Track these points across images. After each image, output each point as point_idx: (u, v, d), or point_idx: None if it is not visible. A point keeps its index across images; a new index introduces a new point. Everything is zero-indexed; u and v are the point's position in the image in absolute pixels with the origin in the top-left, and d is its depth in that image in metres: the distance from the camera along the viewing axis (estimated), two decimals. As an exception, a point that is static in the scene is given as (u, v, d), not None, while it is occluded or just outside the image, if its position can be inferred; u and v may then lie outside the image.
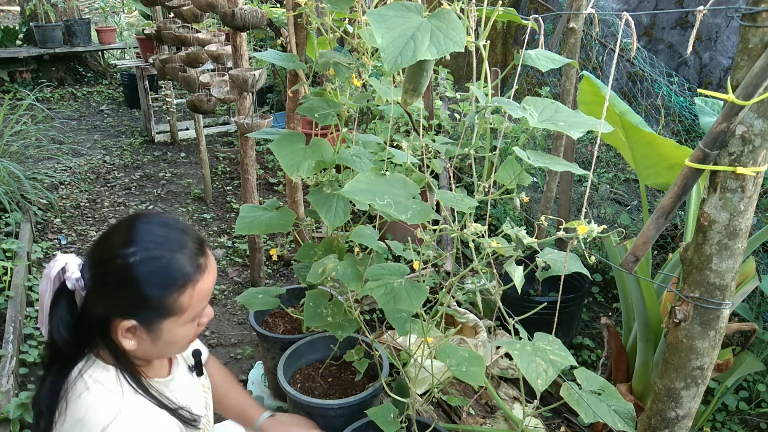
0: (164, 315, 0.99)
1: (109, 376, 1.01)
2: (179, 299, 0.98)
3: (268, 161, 4.66)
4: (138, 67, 5.02)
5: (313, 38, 1.84)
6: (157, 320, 0.99)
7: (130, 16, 8.58)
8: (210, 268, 1.03)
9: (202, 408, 1.20)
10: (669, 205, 1.03)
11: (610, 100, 1.81)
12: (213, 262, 1.06)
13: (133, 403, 1.00)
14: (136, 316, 0.98)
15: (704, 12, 0.93)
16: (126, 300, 0.97)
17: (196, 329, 1.07)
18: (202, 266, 1.01)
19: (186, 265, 0.98)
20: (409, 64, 0.88)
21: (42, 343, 2.49)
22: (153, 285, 0.96)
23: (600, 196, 3.46)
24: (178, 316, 1.00)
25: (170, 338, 1.02)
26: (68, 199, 3.96)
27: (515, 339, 1.14)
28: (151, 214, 1.03)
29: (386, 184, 1.13)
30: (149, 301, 0.97)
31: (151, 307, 0.97)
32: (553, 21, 3.88)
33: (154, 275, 0.96)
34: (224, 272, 3.18)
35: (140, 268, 0.95)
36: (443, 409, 2.10)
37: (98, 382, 0.99)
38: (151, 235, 0.98)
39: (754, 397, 2.23)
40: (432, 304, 1.48)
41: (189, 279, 0.99)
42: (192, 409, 1.13)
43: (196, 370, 1.25)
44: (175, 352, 1.11)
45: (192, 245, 1.01)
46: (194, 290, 1.00)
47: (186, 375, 1.21)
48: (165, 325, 1.00)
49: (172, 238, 0.99)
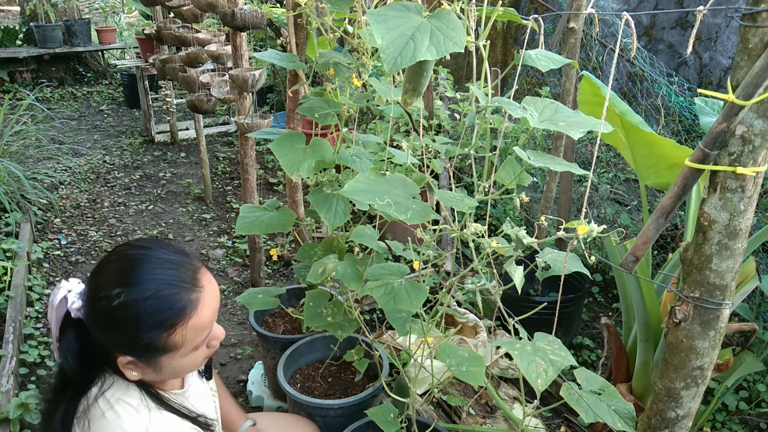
0: (159, 353, 0.96)
1: (133, 393, 1.00)
2: (170, 338, 0.95)
3: (268, 161, 4.66)
4: (138, 67, 5.02)
5: (313, 38, 1.84)
6: (153, 357, 0.97)
7: (130, 16, 8.58)
8: (206, 300, 0.98)
9: (213, 413, 1.22)
10: (669, 205, 1.03)
11: (610, 100, 1.81)
12: (210, 290, 1.00)
13: (158, 420, 1.00)
14: (130, 354, 0.96)
15: (704, 12, 0.93)
16: (117, 339, 0.95)
17: (206, 352, 1.05)
18: (195, 301, 0.96)
19: (176, 305, 0.94)
20: (409, 64, 0.88)
21: (42, 343, 2.49)
22: (140, 328, 0.93)
23: (600, 196, 3.46)
24: (174, 352, 0.97)
25: (174, 369, 1.01)
26: (68, 199, 3.96)
27: (515, 339, 1.14)
28: (141, 246, 0.99)
29: (386, 184, 1.13)
30: (139, 342, 0.94)
31: (141, 347, 0.95)
32: (553, 21, 3.88)
33: (141, 318, 0.92)
34: (224, 272, 3.18)
35: (125, 311, 0.92)
36: (443, 409, 2.10)
37: (122, 401, 0.98)
38: (136, 274, 0.94)
39: (754, 397, 2.23)
40: (432, 304, 1.48)
41: (178, 318, 0.94)
42: (207, 415, 1.14)
43: (206, 374, 1.25)
44: (188, 373, 1.09)
45: (183, 279, 0.96)
46: (186, 327, 0.95)
47: (197, 381, 1.21)
48: (163, 360, 0.98)
49: (158, 276, 0.95)
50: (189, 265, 0.99)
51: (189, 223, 3.72)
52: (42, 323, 2.66)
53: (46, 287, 2.92)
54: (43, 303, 2.80)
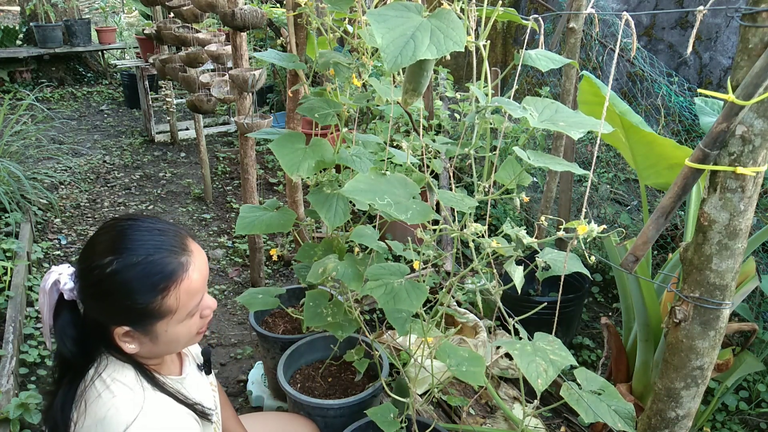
0: (154, 319, 0.98)
1: (128, 373, 1.01)
2: (165, 301, 0.97)
3: (268, 161, 4.66)
4: (138, 67, 5.02)
5: (313, 38, 1.84)
6: (149, 324, 0.98)
7: (130, 16, 8.58)
8: (196, 264, 1.01)
9: (212, 404, 1.22)
10: (669, 205, 1.03)
11: (610, 100, 1.81)
12: (199, 256, 1.03)
13: (154, 400, 1.00)
14: (127, 322, 0.97)
15: (704, 12, 0.93)
16: (113, 309, 0.97)
17: (200, 322, 1.06)
18: (185, 264, 0.99)
19: (166, 267, 0.96)
20: (409, 64, 0.88)
21: (42, 343, 2.49)
22: (134, 293, 0.94)
23: (600, 196, 3.46)
24: (169, 317, 0.99)
25: (170, 337, 1.02)
26: (68, 199, 3.96)
27: (515, 339, 1.14)
28: (128, 219, 1.01)
29: (386, 184, 1.13)
30: (134, 309, 0.95)
31: (137, 313, 0.96)
32: (553, 21, 3.88)
33: (134, 282, 0.94)
34: (224, 272, 3.18)
35: (118, 277, 0.94)
36: (443, 409, 2.10)
37: (117, 381, 0.99)
38: (126, 242, 0.96)
39: (754, 397, 2.23)
40: (432, 304, 1.48)
41: (170, 280, 0.97)
42: (204, 404, 1.14)
43: (205, 368, 1.26)
44: (183, 346, 1.09)
45: (172, 244, 0.99)
46: (179, 290, 0.98)
47: (196, 373, 1.22)
48: (159, 327, 0.99)
49: (147, 241, 0.97)
50: (176, 232, 1.02)
51: (189, 223, 3.72)
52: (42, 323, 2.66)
53: (46, 287, 2.92)
54: (43, 303, 2.80)
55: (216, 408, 1.24)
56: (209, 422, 1.14)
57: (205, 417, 1.11)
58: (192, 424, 1.05)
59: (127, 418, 0.94)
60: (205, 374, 1.26)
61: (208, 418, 1.12)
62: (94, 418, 0.95)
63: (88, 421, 0.95)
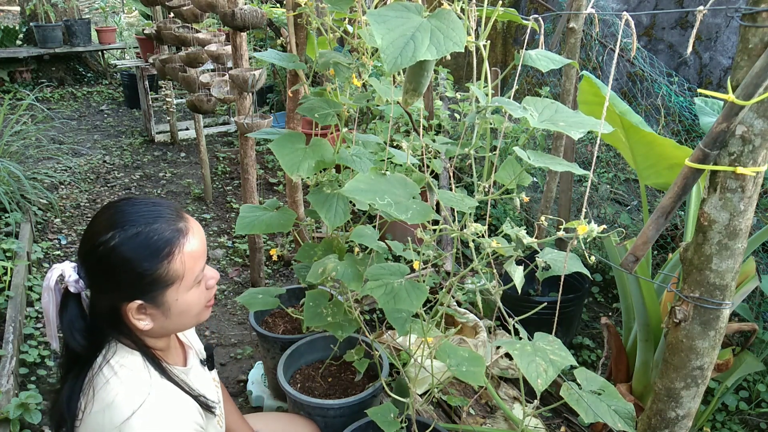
0: (164, 286, 1.00)
1: (136, 360, 1.03)
2: (171, 266, 0.99)
3: (268, 161, 4.66)
4: (138, 67, 5.02)
5: (313, 38, 1.84)
6: (160, 293, 1.00)
7: (130, 16, 8.58)
8: (194, 230, 1.04)
9: (215, 398, 1.23)
10: (669, 205, 1.03)
11: (610, 100, 1.81)
12: (195, 224, 1.06)
13: (160, 386, 1.02)
14: (138, 295, 0.99)
15: (704, 12, 0.93)
16: (123, 283, 0.99)
17: (206, 293, 1.09)
18: (184, 230, 1.02)
19: (166, 232, 1.00)
20: (409, 64, 0.88)
21: (42, 343, 2.49)
22: (140, 260, 0.97)
23: (600, 196, 3.46)
24: (178, 283, 1.01)
25: (181, 307, 1.04)
26: (68, 199, 3.96)
27: (515, 339, 1.14)
28: (121, 199, 1.05)
29: (386, 183, 1.13)
30: (144, 277, 0.98)
31: (147, 283, 0.99)
32: (553, 21, 3.88)
33: (139, 251, 0.97)
34: (224, 272, 3.18)
35: (123, 248, 0.97)
36: (443, 409, 2.10)
37: (125, 367, 1.01)
38: (124, 216, 1.00)
39: (754, 397, 2.23)
40: (432, 304, 1.48)
41: (173, 244, 1.00)
42: (208, 396, 1.16)
43: (208, 363, 1.27)
44: (194, 321, 1.10)
45: (167, 213, 1.03)
46: (183, 253, 1.01)
47: (199, 367, 1.24)
48: (169, 295, 1.01)
49: (145, 213, 1.01)
50: (170, 204, 1.06)
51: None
52: (42, 323, 2.66)
53: (46, 287, 2.92)
54: (43, 303, 2.80)
55: (219, 402, 1.26)
56: (212, 414, 1.15)
57: (208, 409, 1.12)
58: (195, 414, 1.07)
59: (134, 402, 0.96)
60: (208, 369, 1.28)
61: (211, 410, 1.13)
62: (101, 404, 0.96)
63: (96, 407, 0.97)
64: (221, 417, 1.24)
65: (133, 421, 0.95)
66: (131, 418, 0.95)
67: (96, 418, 0.96)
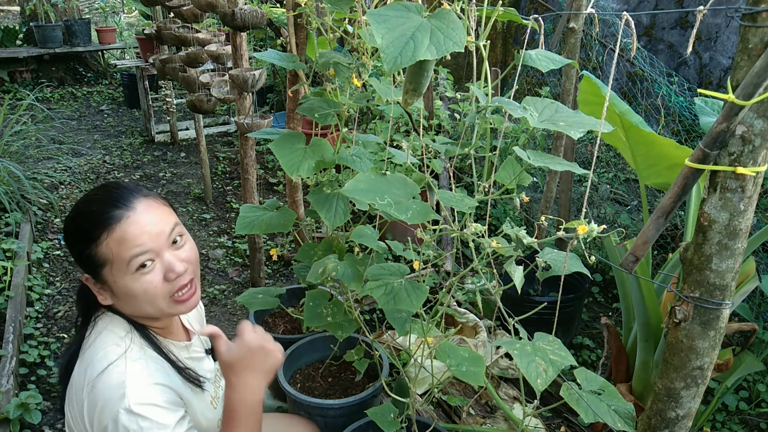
0: (97, 266, 1.05)
1: (119, 324, 1.10)
2: (98, 249, 1.04)
3: (268, 161, 4.66)
4: (138, 67, 5.02)
5: (313, 38, 1.84)
6: (97, 272, 1.06)
7: (130, 16, 8.58)
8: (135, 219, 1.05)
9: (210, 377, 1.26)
10: (669, 205, 1.03)
11: (610, 100, 1.81)
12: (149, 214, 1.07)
13: (139, 348, 1.08)
14: (85, 270, 1.08)
15: (704, 12, 0.93)
16: (75, 258, 1.09)
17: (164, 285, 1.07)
18: (118, 216, 1.04)
19: (94, 217, 1.04)
20: (409, 64, 0.88)
21: (42, 343, 2.49)
22: (73, 241, 1.07)
23: (600, 196, 3.46)
24: (109, 266, 1.04)
25: (123, 290, 1.06)
26: (68, 199, 3.96)
27: (515, 339, 1.14)
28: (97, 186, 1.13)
29: (386, 183, 1.13)
30: (79, 254, 1.06)
31: (84, 260, 1.06)
32: (553, 21, 3.88)
33: (72, 233, 1.07)
34: (224, 272, 3.18)
35: (66, 227, 1.09)
36: (443, 409, 2.09)
37: (107, 329, 1.09)
38: (81, 198, 1.10)
39: (754, 397, 2.23)
40: (432, 304, 1.48)
41: (99, 229, 1.03)
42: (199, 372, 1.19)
43: (212, 354, 1.28)
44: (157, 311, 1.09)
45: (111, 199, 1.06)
46: (110, 239, 1.03)
47: (202, 353, 1.28)
48: (106, 276, 1.06)
49: (89, 198, 1.08)
50: (126, 191, 1.09)
51: (189, 223, 3.72)
52: (42, 323, 2.66)
53: (46, 287, 2.92)
54: (43, 303, 2.80)
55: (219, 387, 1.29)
56: (201, 390, 1.18)
57: (195, 382, 1.16)
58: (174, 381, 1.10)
59: (109, 359, 1.03)
60: (213, 360, 1.30)
61: (199, 384, 1.17)
62: (83, 365, 1.04)
63: (78, 369, 1.05)
64: (216, 399, 1.27)
65: (105, 375, 1.00)
66: (103, 372, 1.00)
67: (78, 377, 1.03)
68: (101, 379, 1.00)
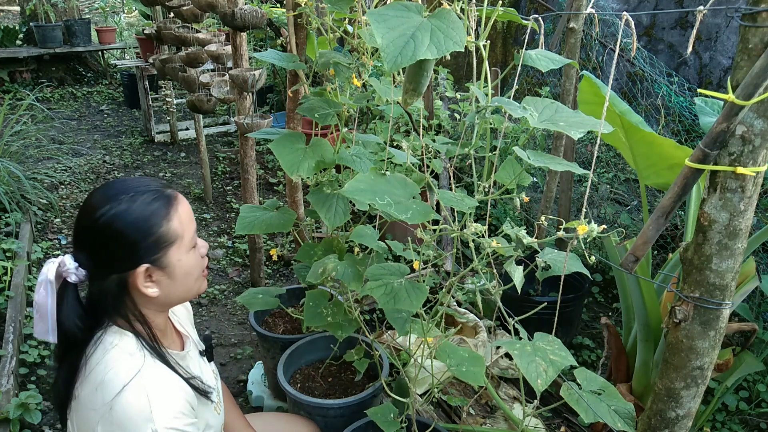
0: (167, 245, 1.05)
1: (128, 340, 1.05)
2: (170, 224, 1.05)
3: (268, 161, 4.65)
4: (138, 67, 5.02)
5: (313, 38, 1.84)
6: (163, 253, 1.05)
7: (130, 16, 8.58)
8: (180, 197, 1.10)
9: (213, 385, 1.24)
10: (669, 205, 1.03)
11: (610, 100, 1.81)
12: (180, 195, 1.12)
13: (152, 366, 1.04)
14: (145, 258, 1.03)
15: (704, 12, 0.93)
16: (129, 248, 1.02)
17: (201, 262, 1.13)
18: (172, 195, 1.08)
19: (158, 195, 1.05)
20: (409, 63, 0.88)
21: (42, 343, 2.49)
22: (143, 222, 1.02)
23: (600, 196, 3.46)
24: (179, 242, 1.06)
25: (183, 269, 1.08)
26: (68, 199, 3.96)
27: (515, 339, 1.14)
28: (104, 183, 1.09)
29: (386, 184, 1.13)
30: (147, 237, 1.02)
31: (152, 243, 1.03)
32: (553, 21, 3.88)
33: (139, 212, 1.02)
34: (224, 272, 3.18)
35: (125, 215, 1.01)
36: (443, 409, 2.09)
37: (117, 347, 1.03)
38: (114, 190, 1.05)
39: (754, 397, 2.23)
40: (432, 304, 1.48)
41: (169, 204, 1.05)
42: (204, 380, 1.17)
43: (207, 355, 1.28)
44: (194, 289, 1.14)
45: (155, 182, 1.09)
46: (178, 212, 1.06)
47: (197, 356, 1.25)
48: (172, 255, 1.06)
49: (132, 183, 1.06)
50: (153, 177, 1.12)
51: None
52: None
53: (46, 287, 2.91)
54: (43, 303, 2.80)
55: (217, 390, 1.26)
56: (208, 400, 1.16)
57: (203, 393, 1.13)
58: (187, 395, 1.08)
59: (123, 378, 0.98)
60: (207, 360, 1.28)
61: (206, 395, 1.14)
62: (94, 383, 0.99)
63: (88, 387, 0.99)
64: (219, 404, 1.25)
65: (123, 396, 0.96)
66: (121, 393, 0.96)
67: (89, 397, 0.99)
68: (120, 401, 0.96)
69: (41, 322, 1.06)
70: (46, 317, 1.05)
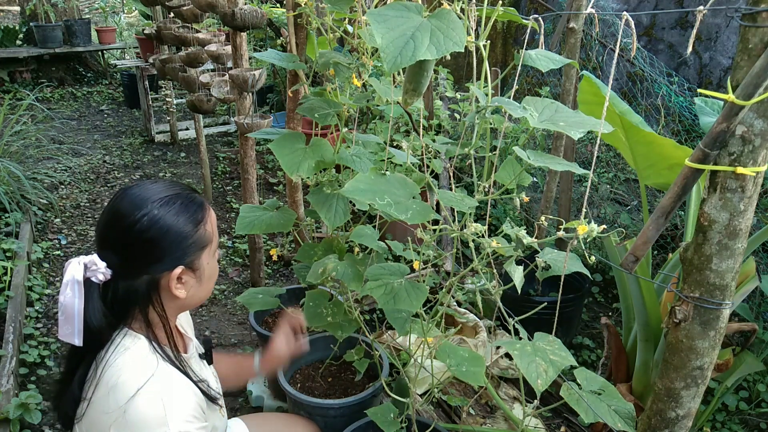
0: (201, 248, 1.08)
1: (141, 344, 1.05)
2: (204, 228, 1.08)
3: (268, 161, 4.65)
4: (138, 67, 5.02)
5: (313, 38, 1.84)
6: (197, 256, 1.08)
7: (130, 16, 8.58)
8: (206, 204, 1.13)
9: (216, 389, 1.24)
10: (669, 205, 1.03)
11: (610, 100, 1.81)
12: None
13: (164, 369, 1.04)
14: (181, 260, 1.05)
15: (704, 12, 0.93)
16: (169, 250, 1.03)
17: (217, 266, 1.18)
18: (201, 199, 1.11)
19: (194, 200, 1.08)
20: (409, 64, 0.88)
21: (42, 343, 2.49)
22: (183, 224, 1.04)
23: (600, 196, 3.46)
24: (209, 245, 1.10)
25: (210, 271, 1.12)
26: (68, 199, 3.96)
27: (515, 339, 1.14)
28: (129, 185, 1.09)
29: (386, 184, 1.13)
30: (186, 239, 1.04)
31: (189, 245, 1.05)
32: (553, 21, 3.88)
33: (179, 216, 1.04)
34: (224, 272, 3.18)
35: (164, 219, 1.02)
36: (443, 409, 2.09)
37: (130, 350, 1.03)
38: (150, 192, 1.04)
39: (754, 397, 2.23)
40: (432, 304, 1.48)
41: (202, 208, 1.09)
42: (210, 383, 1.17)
43: (207, 358, 1.28)
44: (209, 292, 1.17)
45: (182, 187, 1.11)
46: (209, 217, 1.10)
47: (199, 360, 1.26)
48: (204, 258, 1.09)
49: (165, 187, 1.07)
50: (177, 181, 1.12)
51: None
52: (42, 323, 2.66)
53: (46, 287, 2.92)
54: (43, 303, 2.80)
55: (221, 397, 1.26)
56: (215, 405, 1.16)
57: (211, 398, 1.13)
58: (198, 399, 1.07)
59: (138, 382, 0.98)
60: (207, 364, 1.28)
61: (213, 399, 1.14)
62: (106, 387, 0.98)
63: (101, 391, 0.99)
64: (224, 409, 1.26)
65: (137, 400, 0.96)
66: (135, 396, 0.96)
67: (101, 401, 0.98)
68: (134, 405, 0.95)
69: (67, 324, 1.02)
70: (73, 319, 1.02)
